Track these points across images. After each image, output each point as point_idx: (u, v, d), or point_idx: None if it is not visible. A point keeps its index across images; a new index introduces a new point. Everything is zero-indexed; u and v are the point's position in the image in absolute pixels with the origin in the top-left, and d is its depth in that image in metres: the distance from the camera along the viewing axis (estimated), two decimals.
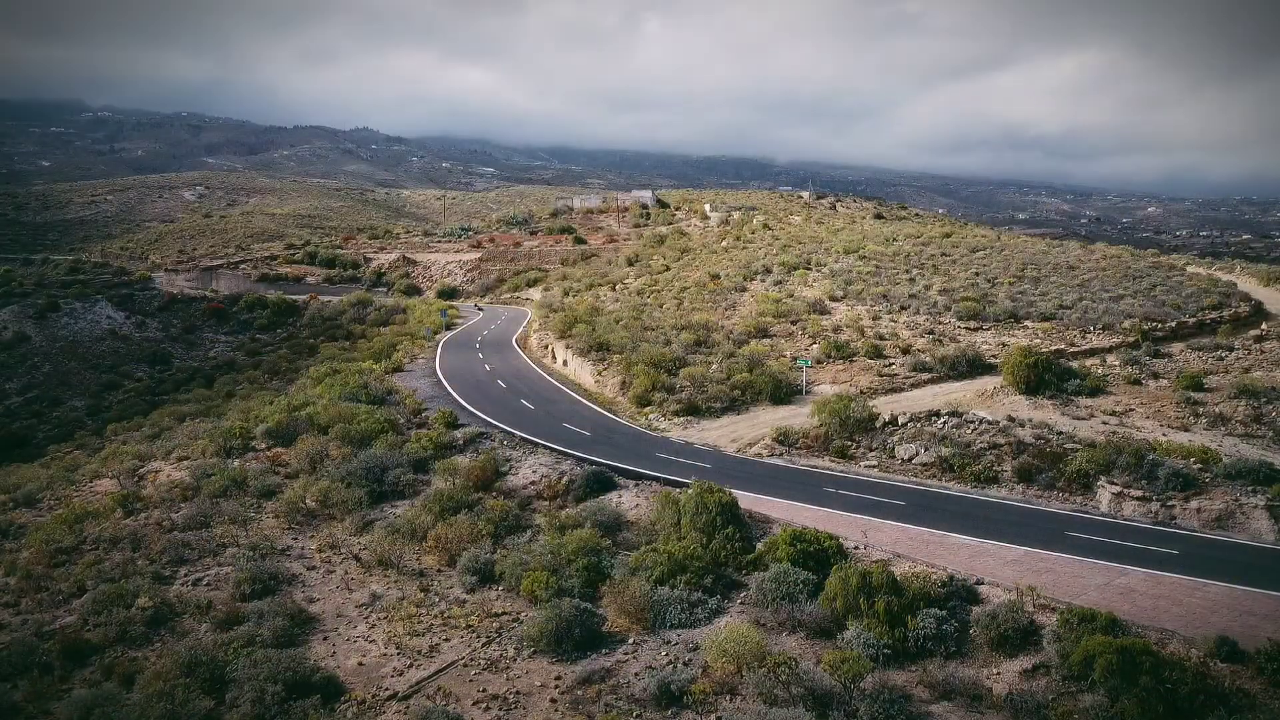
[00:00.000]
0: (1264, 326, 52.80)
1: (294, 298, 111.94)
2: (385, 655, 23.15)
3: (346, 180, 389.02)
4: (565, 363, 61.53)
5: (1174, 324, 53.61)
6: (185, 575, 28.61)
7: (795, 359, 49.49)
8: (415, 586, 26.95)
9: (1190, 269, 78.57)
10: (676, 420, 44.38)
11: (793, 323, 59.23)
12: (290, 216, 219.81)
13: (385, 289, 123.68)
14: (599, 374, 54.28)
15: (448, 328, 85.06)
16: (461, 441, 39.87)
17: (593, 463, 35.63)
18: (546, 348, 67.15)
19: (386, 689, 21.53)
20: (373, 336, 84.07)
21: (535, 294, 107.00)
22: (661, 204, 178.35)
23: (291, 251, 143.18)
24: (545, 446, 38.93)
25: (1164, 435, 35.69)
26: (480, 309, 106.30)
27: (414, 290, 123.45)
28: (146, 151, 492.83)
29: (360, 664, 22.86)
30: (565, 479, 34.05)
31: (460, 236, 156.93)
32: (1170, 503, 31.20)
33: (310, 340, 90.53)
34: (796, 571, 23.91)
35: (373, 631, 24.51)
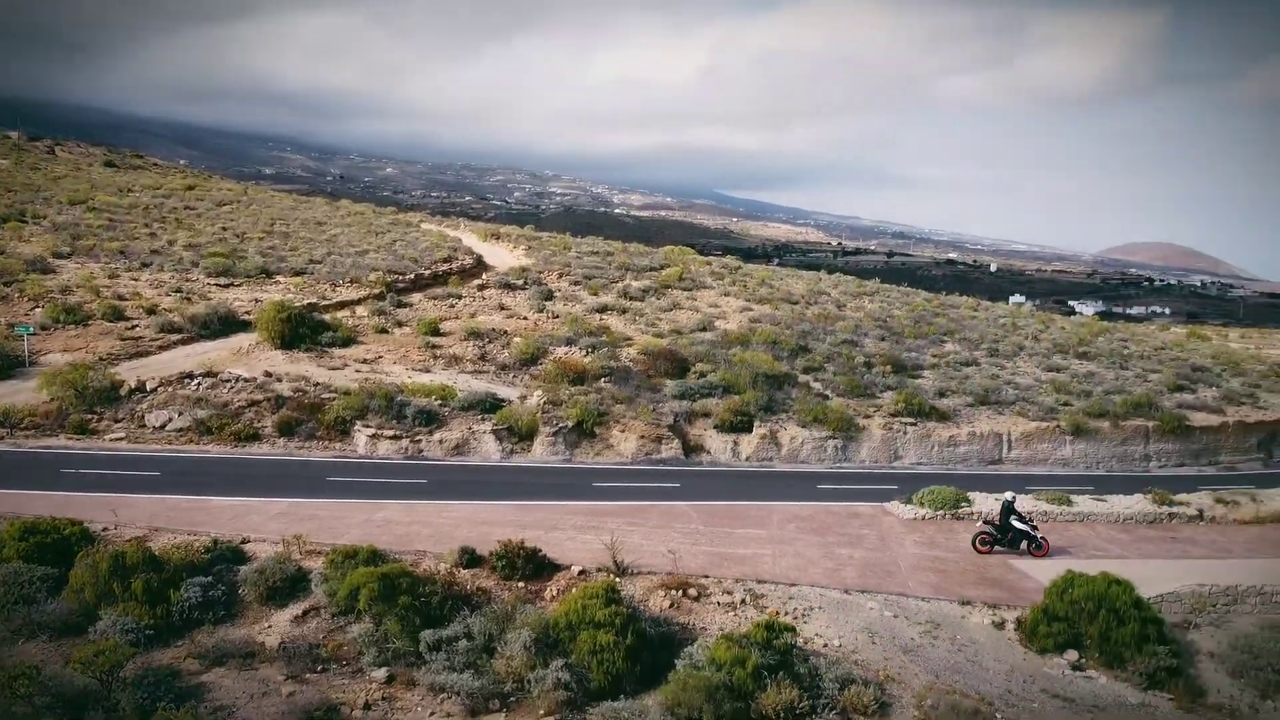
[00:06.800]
0: (485, 276, 60.87)
1: None
2: None
3: None
4: None
5: (413, 276, 58.72)
6: None
7: (13, 326, 42.42)
8: None
9: (425, 226, 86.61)
10: None
11: (6, 284, 50.64)
12: None
13: None
14: None
15: None
16: None
17: None
18: None
19: None
20: None
21: None
22: None
23: None
24: None
25: (410, 378, 39.10)
26: None
27: None
28: None
29: None
30: None
31: None
32: (418, 438, 34.48)
33: None
34: (32, 569, 20.75)
35: None
